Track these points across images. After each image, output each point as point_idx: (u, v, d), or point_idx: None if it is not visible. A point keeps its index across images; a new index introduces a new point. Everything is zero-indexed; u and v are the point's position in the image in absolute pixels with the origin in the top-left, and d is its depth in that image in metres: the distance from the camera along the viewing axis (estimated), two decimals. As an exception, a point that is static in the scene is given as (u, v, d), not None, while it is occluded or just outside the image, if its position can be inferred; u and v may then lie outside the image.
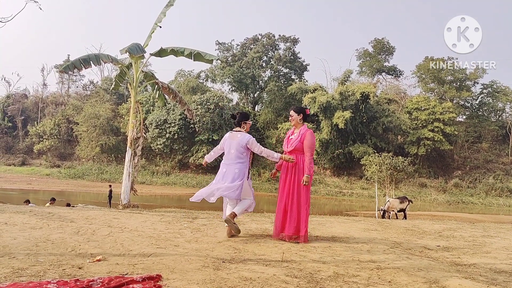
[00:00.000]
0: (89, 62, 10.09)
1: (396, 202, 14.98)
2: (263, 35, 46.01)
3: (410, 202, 15.17)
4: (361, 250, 4.54)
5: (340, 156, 36.99)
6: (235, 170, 4.96)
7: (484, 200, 32.82)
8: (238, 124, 5.17)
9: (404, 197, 15.68)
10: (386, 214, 15.20)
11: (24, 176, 39.02)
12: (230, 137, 5.09)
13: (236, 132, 5.11)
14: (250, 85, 45.24)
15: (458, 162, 39.21)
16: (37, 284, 2.68)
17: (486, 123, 40.80)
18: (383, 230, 6.43)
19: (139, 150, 11.27)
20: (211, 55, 10.82)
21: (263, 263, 3.66)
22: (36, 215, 6.05)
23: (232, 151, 5.04)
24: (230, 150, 5.05)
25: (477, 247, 5.22)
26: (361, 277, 3.31)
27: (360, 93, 35.29)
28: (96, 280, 2.82)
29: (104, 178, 38.01)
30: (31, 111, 51.94)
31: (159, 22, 11.32)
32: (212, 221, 6.49)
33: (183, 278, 3.02)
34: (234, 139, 5.05)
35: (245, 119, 5.20)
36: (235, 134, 5.09)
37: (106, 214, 6.89)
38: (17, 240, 4.16)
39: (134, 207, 10.79)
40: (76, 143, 46.64)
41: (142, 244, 4.27)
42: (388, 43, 45.31)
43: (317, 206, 24.84)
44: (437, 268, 3.80)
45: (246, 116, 5.27)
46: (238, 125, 5.17)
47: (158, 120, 39.00)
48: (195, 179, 37.92)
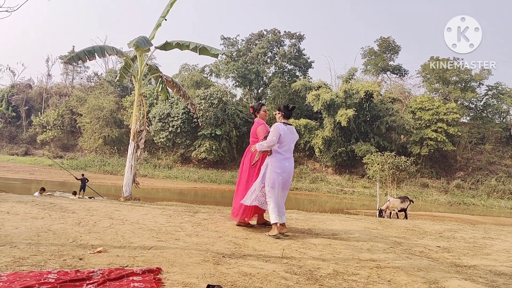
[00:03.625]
0: (93, 54, 10.10)
1: (397, 201, 14.92)
2: (268, 31, 45.87)
3: (411, 202, 15.10)
4: (361, 249, 4.54)
5: (343, 154, 36.94)
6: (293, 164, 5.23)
7: (486, 202, 32.72)
8: (289, 117, 5.27)
9: (405, 196, 15.60)
10: (383, 214, 15.16)
11: (26, 166, 39.15)
12: (290, 131, 5.14)
13: (292, 126, 5.23)
14: (254, 80, 45.14)
15: (460, 163, 39.10)
16: (37, 273, 2.69)
17: (490, 124, 40.62)
18: (384, 229, 6.43)
19: (142, 143, 11.29)
20: (217, 49, 10.82)
21: (263, 259, 3.67)
22: (38, 205, 6.08)
23: (292, 145, 5.19)
24: (290, 144, 5.16)
25: (477, 249, 5.22)
26: (361, 276, 3.31)
27: (364, 92, 35.18)
28: (96, 271, 2.83)
29: (106, 170, 38.11)
30: (35, 102, 52.02)
31: (165, 15, 11.30)
32: (213, 215, 6.49)
33: (183, 271, 3.03)
34: (293, 133, 5.21)
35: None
36: (292, 128, 5.22)
37: (107, 206, 6.92)
38: (19, 229, 4.18)
39: (136, 199, 10.83)
40: (79, 134, 46.73)
41: (143, 237, 4.29)
42: (394, 42, 45.06)
43: (318, 203, 24.86)
44: (437, 268, 3.80)
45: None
46: (288, 118, 5.27)
47: (162, 114, 39.01)
48: (197, 173, 37.99)
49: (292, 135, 5.15)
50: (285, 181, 5.01)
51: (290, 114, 5.27)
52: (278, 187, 4.92)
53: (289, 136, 5.09)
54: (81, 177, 17.50)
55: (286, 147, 5.06)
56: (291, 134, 5.13)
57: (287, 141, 5.05)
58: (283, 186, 4.98)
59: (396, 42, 45.17)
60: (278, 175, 4.93)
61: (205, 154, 38.19)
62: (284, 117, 5.20)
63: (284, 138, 5.00)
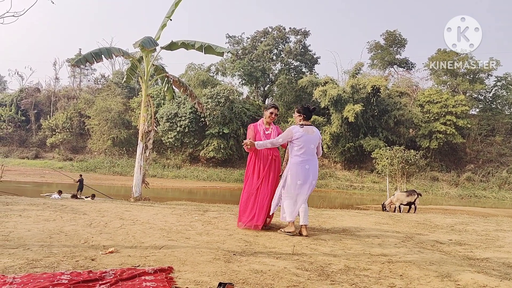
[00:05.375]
0: (100, 56, 10.16)
1: (402, 195, 14.89)
2: (273, 28, 45.76)
3: (419, 195, 15.02)
4: (372, 244, 4.52)
5: (351, 150, 36.81)
6: (316, 165, 5.04)
7: (497, 194, 32.42)
8: (309, 118, 5.12)
9: (413, 190, 15.54)
10: (387, 208, 15.15)
11: (37, 169, 39.51)
12: (308, 131, 4.95)
13: (311, 126, 5.03)
14: (260, 78, 45.10)
15: (470, 156, 38.75)
16: (51, 275, 2.71)
17: (500, 116, 40.21)
18: (394, 223, 6.40)
19: (150, 144, 11.35)
20: (222, 47, 10.82)
21: (274, 256, 3.66)
22: (50, 208, 6.13)
23: (311, 145, 4.96)
24: (310, 145, 4.94)
25: (490, 242, 5.17)
26: (372, 271, 3.30)
27: (371, 86, 35.01)
28: (108, 271, 2.85)
29: (115, 171, 38.36)
30: (44, 105, 52.47)
31: (170, 15, 11.32)
32: (223, 213, 6.51)
33: (194, 270, 3.04)
34: (312, 132, 4.99)
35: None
36: (310, 128, 5.00)
37: (118, 206, 6.96)
38: (31, 232, 4.22)
39: (146, 200, 10.88)
40: (88, 136, 47.08)
41: (154, 237, 4.31)
42: (400, 35, 44.74)
43: (327, 199, 24.78)
44: (449, 262, 3.77)
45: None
46: (309, 119, 5.11)
47: (169, 114, 39.15)
48: (206, 173, 38.10)
49: (311, 135, 4.95)
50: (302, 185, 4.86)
51: (311, 115, 5.11)
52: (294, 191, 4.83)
53: (307, 137, 4.91)
54: (79, 177, 18.46)
55: (305, 149, 4.88)
56: (310, 135, 4.94)
57: (305, 142, 4.88)
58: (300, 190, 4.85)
59: (402, 35, 44.90)
60: (295, 180, 4.83)
61: (213, 153, 38.28)
62: (304, 119, 5.05)
63: (300, 140, 4.86)
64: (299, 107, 5.14)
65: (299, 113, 5.08)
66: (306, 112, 5.06)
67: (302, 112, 5.06)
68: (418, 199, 14.92)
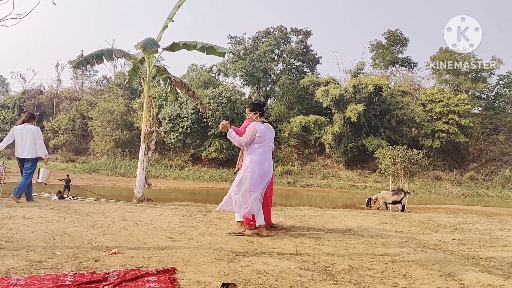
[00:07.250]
0: (102, 57, 10.15)
1: (388, 194, 14.99)
2: (275, 28, 45.71)
3: (406, 194, 15.03)
4: (375, 243, 4.51)
5: (353, 149, 36.75)
6: (272, 163, 4.99)
7: (501, 193, 32.29)
8: (264, 114, 5.01)
9: (400, 189, 15.58)
10: (372, 203, 15.21)
11: (40, 170, 39.50)
12: (268, 129, 4.89)
13: (268, 123, 4.98)
14: (262, 78, 45.07)
15: (473, 155, 38.63)
16: (54, 276, 2.72)
17: (503, 114, 40.06)
18: (397, 223, 6.39)
19: (153, 145, 11.34)
20: (224, 48, 10.80)
21: (277, 256, 3.66)
22: (53, 209, 6.15)
23: (271, 143, 4.96)
24: (270, 142, 4.93)
25: (493, 241, 5.16)
26: (376, 270, 3.29)
27: (373, 86, 34.93)
28: (112, 272, 2.85)
29: (118, 173, 38.39)
30: (46, 107, 52.58)
31: (172, 17, 11.32)
32: (226, 214, 6.51)
33: (198, 270, 3.04)
34: (271, 130, 4.96)
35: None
36: (269, 125, 4.96)
37: (120, 208, 6.97)
38: (35, 233, 4.23)
39: (148, 201, 10.89)
40: (90, 138, 47.15)
41: (157, 237, 4.31)
42: (402, 34, 44.65)
43: (330, 199, 24.76)
44: (453, 261, 3.77)
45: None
46: (263, 115, 5.00)
47: (171, 115, 39.18)
48: (208, 173, 38.09)
49: (270, 132, 4.91)
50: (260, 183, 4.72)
51: (264, 111, 5.01)
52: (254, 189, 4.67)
53: (268, 135, 4.86)
54: (66, 177, 18.86)
55: (266, 147, 4.82)
56: (269, 132, 4.89)
57: (267, 140, 4.83)
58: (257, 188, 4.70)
59: (404, 34, 44.83)
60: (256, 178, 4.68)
61: (216, 153, 38.30)
62: (260, 116, 4.93)
63: (262, 138, 4.77)
64: (251, 105, 5.04)
65: (253, 111, 4.96)
66: (260, 108, 4.96)
67: (257, 109, 4.95)
68: (406, 198, 14.91)
